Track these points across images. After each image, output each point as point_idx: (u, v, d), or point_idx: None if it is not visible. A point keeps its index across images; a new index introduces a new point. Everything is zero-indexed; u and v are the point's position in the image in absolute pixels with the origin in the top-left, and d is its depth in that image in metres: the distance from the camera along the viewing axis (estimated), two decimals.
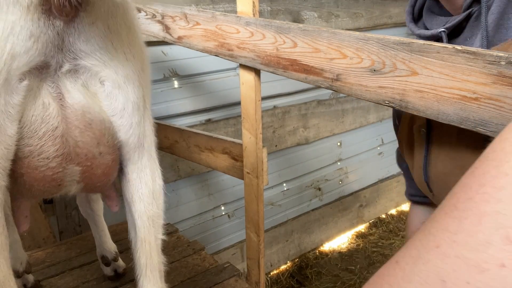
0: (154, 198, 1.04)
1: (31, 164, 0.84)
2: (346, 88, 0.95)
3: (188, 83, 2.35)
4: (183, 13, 1.48)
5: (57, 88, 0.82)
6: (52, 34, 0.75)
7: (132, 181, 1.00)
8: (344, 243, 3.34)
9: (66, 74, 0.82)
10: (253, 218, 1.53)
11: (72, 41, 0.79)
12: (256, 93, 1.40)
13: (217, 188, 2.59)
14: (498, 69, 0.69)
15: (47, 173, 0.86)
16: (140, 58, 0.91)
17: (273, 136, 2.77)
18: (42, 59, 0.76)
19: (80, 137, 0.86)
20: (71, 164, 0.88)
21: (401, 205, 3.84)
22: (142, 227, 1.03)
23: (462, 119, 0.74)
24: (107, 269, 1.53)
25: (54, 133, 0.83)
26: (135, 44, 0.90)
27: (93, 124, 0.87)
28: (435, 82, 0.78)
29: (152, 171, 1.03)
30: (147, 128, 0.99)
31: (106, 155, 0.93)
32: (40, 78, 0.79)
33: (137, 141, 0.96)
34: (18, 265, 1.43)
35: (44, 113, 0.81)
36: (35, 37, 0.73)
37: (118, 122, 0.90)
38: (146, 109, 0.98)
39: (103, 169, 0.94)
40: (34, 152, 0.83)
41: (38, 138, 0.82)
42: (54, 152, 0.84)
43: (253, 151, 1.45)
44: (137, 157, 0.98)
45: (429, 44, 0.79)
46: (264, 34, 1.22)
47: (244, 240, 2.54)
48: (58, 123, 0.83)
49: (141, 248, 1.03)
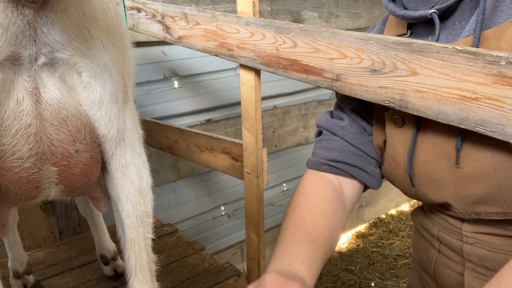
0: (142, 196, 0.99)
1: (4, 166, 0.80)
2: (346, 88, 0.95)
3: (188, 83, 2.35)
4: (183, 13, 1.48)
5: (33, 82, 0.77)
6: (22, 24, 0.71)
7: (116, 179, 0.96)
8: (344, 243, 3.34)
9: (42, 67, 0.77)
10: (253, 218, 1.53)
11: (46, 31, 0.74)
12: (256, 93, 1.41)
13: (217, 188, 2.59)
14: (498, 69, 0.70)
15: (22, 175, 0.82)
16: (119, 46, 0.86)
17: (273, 136, 2.77)
18: (12, 49, 0.72)
19: (55, 134, 0.82)
20: (46, 164, 0.84)
21: (401, 205, 3.84)
22: (131, 227, 0.99)
23: (462, 119, 0.74)
24: (106, 268, 1.53)
25: (27, 131, 0.78)
26: (113, 30, 0.84)
27: (68, 120, 0.83)
28: (435, 82, 0.78)
29: (137, 167, 0.98)
30: (127, 121, 0.94)
31: (84, 153, 0.88)
32: (13, 71, 0.75)
33: (117, 134, 0.91)
34: (18, 266, 1.44)
35: (17, 109, 0.76)
36: (4, 28, 0.69)
37: (97, 114, 0.86)
38: (128, 101, 0.93)
39: (81, 167, 0.89)
40: (7, 152, 0.78)
41: (11, 136, 0.77)
42: (27, 152, 0.80)
43: (253, 151, 1.45)
44: (120, 153, 0.94)
45: (429, 44, 0.79)
46: (264, 34, 1.22)
47: (244, 240, 2.54)
48: (32, 120, 0.78)
49: (130, 249, 1.00)
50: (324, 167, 0.96)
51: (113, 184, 0.97)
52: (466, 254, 0.88)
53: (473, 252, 0.86)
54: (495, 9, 0.74)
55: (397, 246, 3.23)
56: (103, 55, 0.82)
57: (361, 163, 0.96)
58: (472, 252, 0.86)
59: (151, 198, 1.03)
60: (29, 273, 1.47)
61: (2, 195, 0.85)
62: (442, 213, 0.92)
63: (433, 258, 0.98)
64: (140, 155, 0.99)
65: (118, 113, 0.89)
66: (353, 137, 0.96)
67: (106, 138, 0.90)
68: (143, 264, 1.02)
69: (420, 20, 0.82)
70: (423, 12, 0.79)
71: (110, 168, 0.95)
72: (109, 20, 0.83)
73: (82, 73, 0.81)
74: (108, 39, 0.83)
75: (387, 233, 3.46)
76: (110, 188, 0.99)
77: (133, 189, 0.97)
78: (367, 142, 0.97)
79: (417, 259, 1.07)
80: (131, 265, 1.01)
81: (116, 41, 0.85)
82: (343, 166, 0.95)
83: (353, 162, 0.95)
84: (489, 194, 0.76)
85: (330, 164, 0.95)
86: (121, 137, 0.92)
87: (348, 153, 0.95)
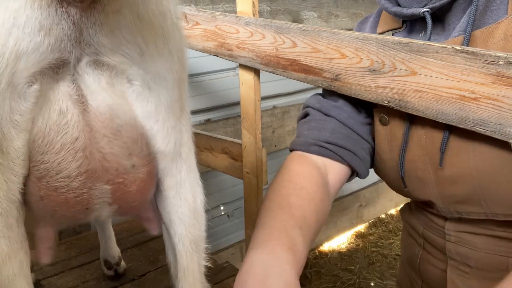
0: (196, 218, 0.88)
1: (49, 185, 0.69)
2: (346, 88, 0.96)
3: (188, 83, 2.35)
4: (182, 13, 1.48)
5: (77, 88, 0.65)
6: (67, 25, 0.59)
7: (170, 199, 0.85)
8: (344, 243, 3.34)
9: (87, 70, 0.65)
10: (252, 218, 1.53)
11: (92, 33, 0.62)
12: (255, 93, 1.41)
13: (217, 188, 2.59)
14: (497, 69, 0.70)
15: (69, 195, 0.71)
16: (177, 54, 0.76)
17: (272, 136, 2.77)
18: (56, 56, 0.61)
19: (108, 148, 0.70)
20: (98, 183, 0.72)
21: (401, 205, 3.84)
22: (184, 252, 0.87)
23: (461, 119, 0.74)
24: (107, 269, 1.53)
25: (74, 146, 0.67)
26: (171, 36, 0.73)
27: (123, 130, 0.71)
28: (434, 82, 0.78)
29: (192, 185, 0.88)
30: (184, 134, 0.84)
31: (141, 167, 0.76)
32: (55, 79, 0.64)
33: (174, 149, 0.80)
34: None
35: (61, 121, 0.65)
36: (46, 30, 0.58)
37: (154, 127, 0.74)
38: (184, 112, 0.84)
39: (138, 184, 0.77)
40: (52, 170, 0.68)
41: (55, 153, 0.67)
42: (75, 169, 0.68)
43: (252, 151, 1.45)
44: (175, 169, 0.83)
45: (428, 44, 0.79)
46: (264, 34, 1.22)
47: (243, 240, 2.54)
48: (79, 132, 0.67)
49: (183, 279, 0.88)
50: (313, 148, 0.89)
51: (166, 204, 0.86)
52: (448, 252, 0.89)
53: (455, 250, 0.87)
54: (486, 9, 0.74)
55: (396, 246, 3.23)
56: (160, 63, 0.71)
57: (354, 147, 0.90)
58: (454, 250, 0.87)
59: (204, 220, 0.92)
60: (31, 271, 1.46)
61: (49, 217, 0.76)
62: (426, 211, 0.94)
63: (418, 255, 0.99)
64: (195, 172, 0.90)
65: (175, 125, 0.78)
66: (348, 116, 0.91)
67: (164, 153, 0.78)
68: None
69: (412, 18, 0.82)
70: (416, 10, 0.79)
71: (164, 186, 0.84)
72: (168, 24, 0.72)
73: (133, 81, 0.70)
74: (164, 45, 0.71)
75: (386, 233, 3.46)
76: (162, 208, 0.88)
77: (187, 210, 0.86)
78: (362, 123, 0.93)
79: (404, 255, 1.09)
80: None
81: (173, 48, 0.74)
82: (334, 148, 0.89)
83: (345, 144, 0.89)
84: (471, 195, 0.77)
85: (320, 144, 0.89)
86: (178, 151, 0.82)
87: (341, 134, 0.90)
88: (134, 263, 1.61)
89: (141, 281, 1.51)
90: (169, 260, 0.93)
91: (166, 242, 0.92)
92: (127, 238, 1.81)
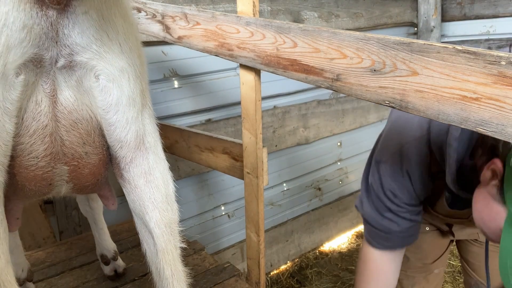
0: (169, 203, 0.96)
1: (21, 164, 0.83)
2: (346, 88, 0.95)
3: (188, 83, 2.35)
4: (183, 13, 1.48)
5: (51, 84, 0.80)
6: (46, 25, 0.74)
7: (140, 187, 0.93)
8: (344, 243, 3.34)
9: (61, 69, 0.80)
10: (253, 218, 1.53)
11: (67, 33, 0.76)
12: (256, 93, 1.40)
13: (217, 188, 2.59)
14: (498, 69, 0.69)
15: (37, 173, 0.85)
16: (136, 51, 0.88)
17: (273, 136, 2.77)
18: (35, 51, 0.75)
19: (66, 136, 0.85)
20: (59, 163, 0.87)
21: None
22: (161, 236, 0.95)
23: (463, 119, 0.74)
24: (107, 268, 1.53)
25: (43, 132, 0.82)
26: (130, 35, 0.87)
27: (79, 123, 0.86)
28: (436, 82, 0.78)
29: (162, 173, 0.96)
30: (147, 126, 0.93)
31: (93, 155, 0.90)
32: (35, 73, 0.78)
33: (136, 138, 0.90)
34: (20, 272, 1.39)
35: (36, 110, 0.80)
36: (28, 28, 0.72)
37: (113, 118, 0.87)
38: (146, 105, 0.93)
39: (90, 169, 0.92)
40: (25, 150, 0.82)
41: (29, 136, 0.81)
42: (43, 151, 0.83)
43: (253, 151, 1.45)
44: (142, 158, 0.93)
45: (429, 44, 0.79)
46: (264, 34, 1.22)
47: (244, 240, 2.54)
48: (48, 121, 0.82)
49: (163, 259, 0.95)
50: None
51: (136, 193, 0.94)
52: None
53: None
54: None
55: None
56: (121, 58, 0.84)
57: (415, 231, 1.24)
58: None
59: (176, 205, 1.00)
60: (31, 280, 1.42)
61: (18, 191, 0.88)
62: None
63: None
64: (163, 160, 0.97)
65: (136, 116, 0.89)
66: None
67: (123, 142, 0.89)
68: (179, 275, 0.98)
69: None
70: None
71: (130, 176, 0.93)
72: (127, 25, 0.85)
73: (99, 76, 0.83)
74: (126, 43, 0.85)
75: None
76: (132, 197, 0.95)
77: (160, 196, 0.94)
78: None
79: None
80: (167, 276, 0.96)
81: (133, 45, 0.87)
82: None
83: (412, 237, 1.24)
84: None
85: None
86: (141, 140, 0.91)
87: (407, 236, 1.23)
88: (134, 263, 1.61)
89: (142, 281, 1.51)
90: (144, 248, 1.01)
91: (141, 230, 1.00)
92: (127, 238, 1.81)
